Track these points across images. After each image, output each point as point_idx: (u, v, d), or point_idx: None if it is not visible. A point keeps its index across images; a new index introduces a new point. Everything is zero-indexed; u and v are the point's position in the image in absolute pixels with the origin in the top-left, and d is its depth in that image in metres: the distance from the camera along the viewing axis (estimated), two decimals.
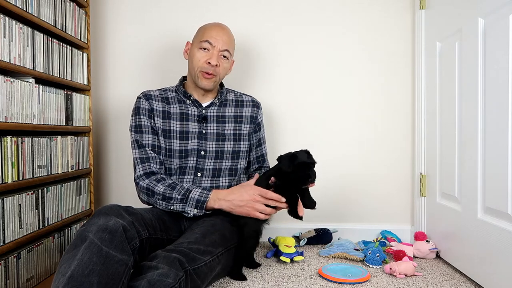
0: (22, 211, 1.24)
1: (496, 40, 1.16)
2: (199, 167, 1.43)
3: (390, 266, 1.35)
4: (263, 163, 1.60)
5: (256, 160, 1.58)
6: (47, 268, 1.37)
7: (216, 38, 1.40)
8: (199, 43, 1.41)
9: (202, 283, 1.08)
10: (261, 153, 1.59)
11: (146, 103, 1.43)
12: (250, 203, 1.29)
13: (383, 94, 1.81)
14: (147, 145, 1.40)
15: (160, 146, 1.42)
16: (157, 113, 1.43)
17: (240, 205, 1.30)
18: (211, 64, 1.39)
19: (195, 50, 1.42)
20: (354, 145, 1.83)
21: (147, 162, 1.38)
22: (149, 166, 1.37)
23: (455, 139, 1.41)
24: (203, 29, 1.44)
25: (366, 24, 1.81)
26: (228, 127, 1.47)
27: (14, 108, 1.22)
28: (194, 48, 1.43)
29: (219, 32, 1.42)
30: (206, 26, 1.45)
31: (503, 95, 1.12)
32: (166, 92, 1.49)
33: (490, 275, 1.20)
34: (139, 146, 1.40)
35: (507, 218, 1.12)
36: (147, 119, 1.42)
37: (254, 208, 1.29)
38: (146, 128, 1.42)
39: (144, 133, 1.41)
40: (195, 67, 1.41)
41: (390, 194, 1.82)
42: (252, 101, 1.55)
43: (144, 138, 1.41)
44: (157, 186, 1.32)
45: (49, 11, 1.42)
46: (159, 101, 1.45)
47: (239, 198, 1.30)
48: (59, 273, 0.89)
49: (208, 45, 1.40)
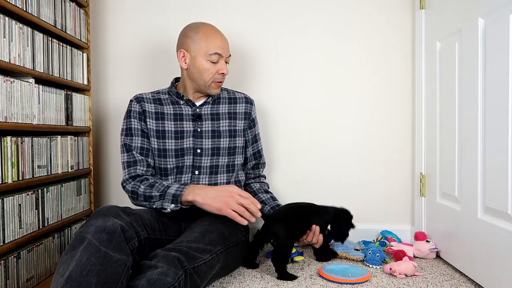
0: (22, 211, 1.24)
1: (496, 40, 1.16)
2: (196, 165, 1.43)
3: (390, 266, 1.35)
4: (259, 159, 1.61)
5: (253, 156, 1.59)
6: (47, 268, 1.37)
7: (223, 48, 1.41)
8: (208, 56, 1.38)
9: (202, 281, 1.08)
10: (257, 149, 1.60)
11: (137, 105, 1.45)
12: (224, 197, 1.24)
13: (383, 94, 1.81)
14: (136, 148, 1.41)
15: (149, 149, 1.43)
16: (149, 115, 1.44)
17: (213, 197, 1.25)
18: (224, 74, 1.42)
19: (202, 62, 1.39)
20: (354, 145, 1.83)
21: (133, 165, 1.39)
22: (134, 170, 1.38)
23: (455, 139, 1.41)
24: (206, 39, 1.39)
25: (366, 24, 1.81)
26: (223, 123, 1.48)
27: (14, 108, 1.22)
28: (201, 60, 1.39)
29: (223, 40, 1.42)
30: (209, 36, 1.40)
31: (503, 95, 1.12)
32: (159, 94, 1.50)
33: (490, 275, 1.20)
34: (127, 150, 1.41)
35: (507, 218, 1.12)
36: (137, 122, 1.44)
37: (226, 203, 1.23)
38: (136, 130, 1.43)
39: (134, 135, 1.43)
40: (206, 79, 1.41)
41: (390, 194, 1.82)
42: (245, 98, 1.56)
43: (133, 141, 1.42)
44: (140, 187, 1.33)
45: (49, 11, 1.42)
46: (151, 103, 1.46)
47: (215, 192, 1.26)
48: (57, 274, 0.89)
49: (218, 57, 1.40)
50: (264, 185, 1.65)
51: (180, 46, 1.43)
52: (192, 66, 1.41)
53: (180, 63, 1.44)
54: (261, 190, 1.60)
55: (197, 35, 1.40)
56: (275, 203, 1.54)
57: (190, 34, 1.41)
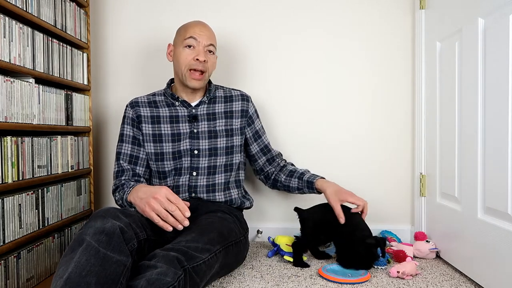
0: (22, 211, 1.24)
1: (496, 40, 1.16)
2: (193, 166, 1.43)
3: (397, 269, 1.32)
4: (269, 153, 1.58)
5: (261, 152, 1.57)
6: (47, 268, 1.37)
7: (200, 34, 1.40)
8: (183, 41, 1.40)
9: (201, 281, 1.08)
10: (263, 144, 1.58)
11: (131, 111, 1.46)
12: (149, 199, 1.17)
13: (383, 94, 1.81)
14: (125, 154, 1.43)
15: (139, 157, 1.45)
16: (145, 119, 1.45)
17: (141, 197, 1.19)
18: (200, 60, 1.39)
19: (180, 49, 1.41)
20: (353, 144, 1.83)
21: (120, 175, 1.42)
22: (119, 181, 1.40)
23: (455, 139, 1.41)
24: (184, 28, 1.43)
25: (366, 24, 1.81)
26: (219, 123, 1.48)
27: (14, 108, 1.22)
28: (178, 48, 1.42)
29: (201, 28, 1.42)
30: (187, 25, 1.45)
31: (503, 95, 1.12)
32: (155, 96, 1.50)
33: (490, 275, 1.20)
34: (116, 158, 1.45)
35: (507, 218, 1.12)
36: (130, 128, 1.45)
37: (149, 205, 1.16)
38: (127, 137, 1.45)
39: (124, 142, 1.45)
40: (182, 66, 1.40)
41: (390, 194, 1.82)
42: (241, 95, 1.55)
43: (123, 147, 1.45)
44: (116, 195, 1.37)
45: (49, 11, 1.42)
46: (146, 107, 1.46)
47: (143, 193, 1.20)
48: (57, 276, 0.89)
49: (193, 41, 1.39)
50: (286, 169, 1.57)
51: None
52: (174, 58, 1.45)
53: (168, 57, 1.49)
54: (289, 176, 1.54)
55: (181, 27, 1.45)
56: (308, 178, 1.49)
57: (178, 30, 1.47)
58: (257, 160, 1.58)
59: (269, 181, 1.61)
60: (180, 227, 1.17)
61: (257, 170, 1.63)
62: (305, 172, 1.54)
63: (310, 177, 1.50)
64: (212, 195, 1.46)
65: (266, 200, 1.85)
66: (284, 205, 1.84)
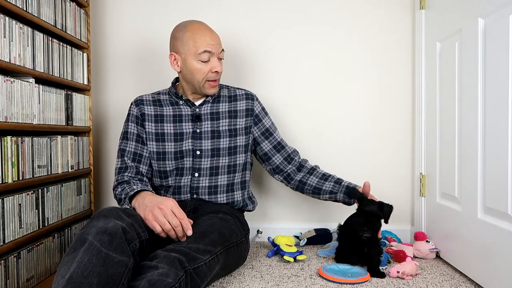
0: (22, 211, 1.24)
1: (496, 40, 1.16)
2: (195, 167, 1.43)
3: (397, 269, 1.32)
4: (283, 150, 1.53)
5: (275, 149, 1.52)
6: (47, 268, 1.37)
7: (213, 44, 1.37)
8: (198, 56, 1.35)
9: (202, 282, 1.08)
10: (276, 141, 1.53)
11: (136, 109, 1.45)
12: (154, 208, 1.14)
13: (383, 94, 1.81)
14: (129, 152, 1.42)
15: (142, 155, 1.43)
16: (148, 118, 1.44)
17: (146, 205, 1.17)
18: (218, 72, 1.39)
19: (193, 63, 1.37)
20: (353, 144, 1.83)
21: (123, 172, 1.39)
22: (122, 177, 1.38)
23: (455, 139, 1.41)
24: (194, 39, 1.35)
25: (366, 24, 1.81)
26: (223, 123, 1.46)
27: (14, 108, 1.22)
28: (191, 61, 1.37)
29: (211, 36, 1.38)
30: (195, 34, 1.36)
31: (503, 95, 1.12)
32: (159, 95, 1.50)
33: (490, 275, 1.20)
34: (120, 155, 1.42)
35: (507, 218, 1.12)
36: (134, 126, 1.44)
37: (153, 214, 1.13)
38: (132, 135, 1.44)
39: (129, 140, 1.44)
40: (198, 78, 1.38)
41: (390, 194, 1.81)
42: (246, 94, 1.52)
43: (127, 145, 1.43)
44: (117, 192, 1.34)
45: (49, 11, 1.42)
46: (151, 105, 1.46)
47: (149, 202, 1.18)
48: (58, 275, 0.89)
49: (208, 55, 1.36)
50: (317, 172, 1.52)
51: (171, 50, 1.42)
52: (184, 68, 1.39)
53: (173, 66, 1.42)
54: (323, 179, 1.50)
55: (185, 35, 1.37)
56: (348, 184, 1.48)
57: (178, 36, 1.38)
58: (271, 158, 1.53)
59: (292, 182, 1.55)
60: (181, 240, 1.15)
61: (273, 169, 1.55)
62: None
63: (351, 184, 1.48)
64: (214, 197, 1.45)
65: (266, 200, 1.85)
66: (284, 206, 1.84)
